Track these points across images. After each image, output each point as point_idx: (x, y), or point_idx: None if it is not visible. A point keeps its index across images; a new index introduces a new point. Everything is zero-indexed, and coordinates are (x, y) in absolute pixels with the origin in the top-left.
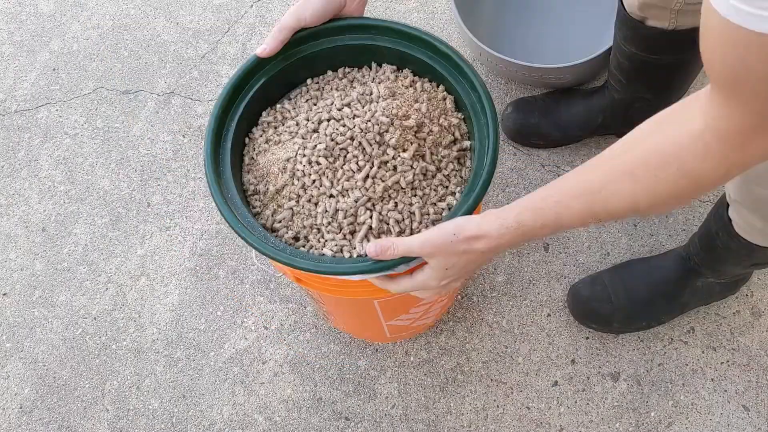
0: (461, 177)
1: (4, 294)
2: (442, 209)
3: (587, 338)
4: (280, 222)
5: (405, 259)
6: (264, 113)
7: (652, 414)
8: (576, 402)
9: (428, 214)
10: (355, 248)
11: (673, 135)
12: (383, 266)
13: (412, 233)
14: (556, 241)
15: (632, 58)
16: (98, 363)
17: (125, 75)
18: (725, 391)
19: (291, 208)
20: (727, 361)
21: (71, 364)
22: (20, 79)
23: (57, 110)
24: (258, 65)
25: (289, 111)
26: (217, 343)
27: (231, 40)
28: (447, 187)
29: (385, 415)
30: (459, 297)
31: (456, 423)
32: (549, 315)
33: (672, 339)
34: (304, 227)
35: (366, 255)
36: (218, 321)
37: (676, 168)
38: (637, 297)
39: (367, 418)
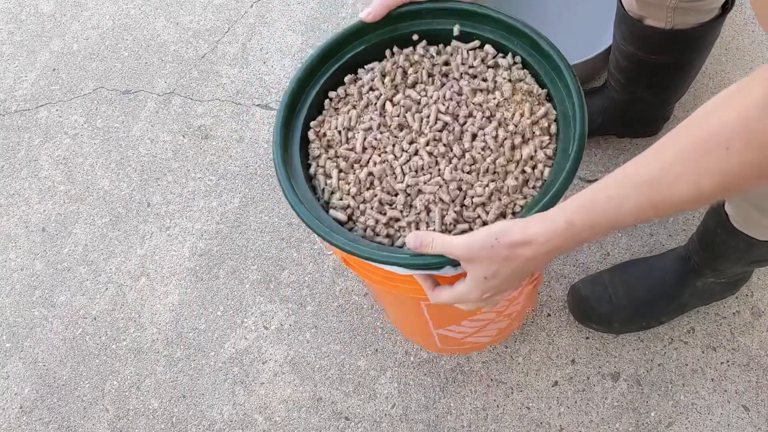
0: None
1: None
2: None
3: (587, 338)
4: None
5: (446, 260)
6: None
7: (652, 414)
8: (576, 402)
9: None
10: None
11: (737, 108)
12: (423, 263)
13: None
14: None
15: (631, 58)
16: (98, 363)
17: (125, 75)
18: (725, 391)
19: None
20: (727, 361)
21: (71, 364)
22: (20, 79)
23: (57, 110)
24: (349, 37)
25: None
26: (217, 343)
27: (231, 40)
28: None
29: (385, 415)
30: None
31: (456, 423)
32: (549, 315)
33: (672, 339)
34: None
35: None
36: (218, 321)
37: (744, 144)
38: (637, 297)
39: (367, 418)
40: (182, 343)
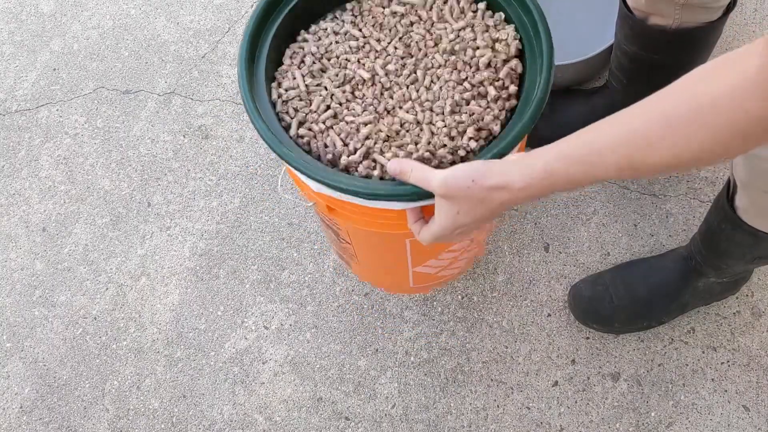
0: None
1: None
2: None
3: (587, 338)
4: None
5: (421, 192)
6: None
7: (653, 414)
8: (576, 402)
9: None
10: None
11: (726, 79)
12: (407, 193)
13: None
14: (556, 241)
15: (633, 57)
16: (98, 363)
17: (125, 75)
18: (725, 391)
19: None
20: (728, 361)
21: (71, 364)
22: (21, 79)
23: (57, 110)
24: None
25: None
26: (218, 343)
27: (231, 40)
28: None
29: (386, 415)
30: (459, 297)
31: (456, 423)
32: (549, 315)
33: (672, 339)
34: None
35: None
36: (218, 321)
37: (727, 116)
38: (638, 297)
39: (367, 418)
40: (182, 343)
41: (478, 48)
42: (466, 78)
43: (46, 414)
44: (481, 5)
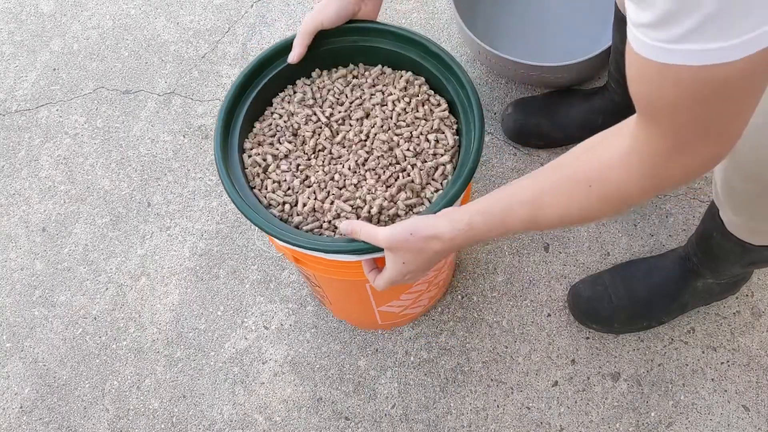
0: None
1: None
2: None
3: (587, 338)
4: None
5: (371, 247)
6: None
7: (652, 414)
8: (576, 402)
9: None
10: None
11: (604, 154)
12: (361, 248)
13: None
14: (556, 241)
15: None
16: (98, 363)
17: (125, 75)
18: (725, 391)
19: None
20: (728, 361)
21: (71, 364)
22: (20, 79)
23: (57, 110)
24: (265, 62)
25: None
26: (217, 343)
27: (231, 40)
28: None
29: (385, 415)
30: (459, 297)
31: (456, 423)
32: (549, 315)
33: (672, 339)
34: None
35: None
36: (218, 321)
37: (602, 185)
38: (637, 297)
39: (367, 418)
40: (182, 343)
41: (417, 127)
42: (405, 155)
43: (46, 414)
44: (421, 80)
